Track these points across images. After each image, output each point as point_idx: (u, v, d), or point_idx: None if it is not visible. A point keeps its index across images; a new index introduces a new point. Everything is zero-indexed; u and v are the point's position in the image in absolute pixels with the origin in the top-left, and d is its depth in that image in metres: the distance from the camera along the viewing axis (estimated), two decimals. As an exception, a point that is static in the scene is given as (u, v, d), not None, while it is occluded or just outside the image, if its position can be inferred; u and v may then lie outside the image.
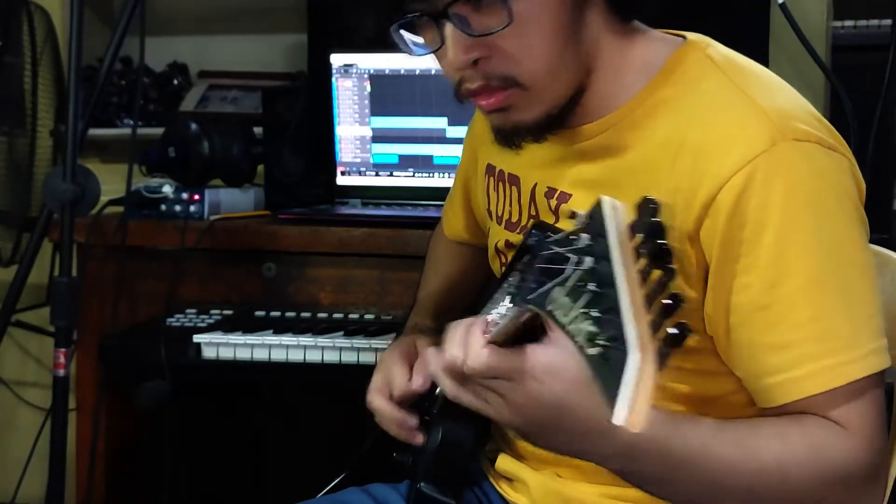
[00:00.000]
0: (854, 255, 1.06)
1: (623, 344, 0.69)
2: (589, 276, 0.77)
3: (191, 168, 2.14)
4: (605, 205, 0.82)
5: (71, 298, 1.71)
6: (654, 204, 0.80)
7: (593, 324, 0.73)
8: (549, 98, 1.11)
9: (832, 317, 1.04)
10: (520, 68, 1.08)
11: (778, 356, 1.05)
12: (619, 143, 1.14)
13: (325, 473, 1.48)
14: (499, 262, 1.33)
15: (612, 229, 0.79)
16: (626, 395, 0.68)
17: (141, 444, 2.10)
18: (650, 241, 0.78)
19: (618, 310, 0.72)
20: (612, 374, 0.69)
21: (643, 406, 0.68)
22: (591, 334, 0.72)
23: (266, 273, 1.98)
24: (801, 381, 1.04)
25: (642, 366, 0.68)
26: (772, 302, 1.04)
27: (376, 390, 1.29)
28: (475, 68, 1.08)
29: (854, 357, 1.03)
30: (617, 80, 1.14)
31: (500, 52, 1.07)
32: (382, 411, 1.28)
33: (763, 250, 1.04)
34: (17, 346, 2.70)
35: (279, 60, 2.59)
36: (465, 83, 1.11)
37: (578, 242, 0.82)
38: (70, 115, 1.70)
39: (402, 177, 2.20)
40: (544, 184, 1.22)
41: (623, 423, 0.68)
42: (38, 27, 2.36)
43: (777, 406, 1.06)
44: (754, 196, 1.03)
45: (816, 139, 1.06)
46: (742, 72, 1.13)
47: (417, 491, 1.20)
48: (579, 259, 0.80)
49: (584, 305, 0.75)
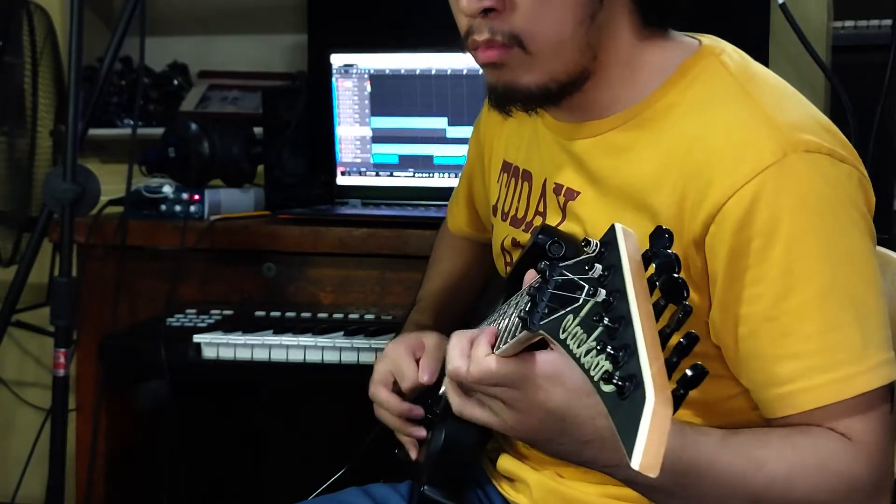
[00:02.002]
0: (863, 267, 1.06)
1: (640, 385, 0.69)
2: (602, 309, 0.77)
3: (191, 168, 2.14)
4: (618, 233, 0.82)
5: (71, 298, 1.71)
6: (668, 234, 0.80)
7: (608, 359, 0.72)
8: (548, 69, 1.10)
9: (842, 328, 1.03)
10: (527, 29, 1.07)
11: (786, 367, 1.04)
12: (628, 143, 1.14)
13: (324, 473, 1.49)
14: (503, 261, 1.33)
15: (626, 261, 0.78)
16: (643, 440, 0.67)
17: (141, 444, 2.10)
18: (665, 274, 0.78)
19: (634, 348, 0.71)
20: (628, 416, 0.69)
21: (659, 450, 0.68)
22: (606, 372, 0.72)
23: (266, 273, 1.98)
24: (809, 393, 1.04)
25: (659, 409, 0.68)
26: (781, 313, 1.04)
27: (380, 382, 1.29)
28: (485, 19, 1.08)
29: (863, 369, 1.03)
30: (630, 78, 1.14)
31: (514, 8, 1.07)
32: (388, 402, 1.28)
33: (772, 262, 1.03)
34: (17, 346, 2.70)
35: (279, 60, 2.59)
36: (473, 34, 1.09)
37: (592, 272, 0.81)
38: (70, 115, 1.70)
39: (402, 177, 2.21)
40: (553, 179, 1.22)
41: (639, 469, 0.68)
42: (38, 27, 2.36)
43: (784, 416, 1.06)
44: (764, 208, 1.03)
45: (827, 151, 1.06)
46: (755, 80, 1.12)
47: (421, 494, 1.19)
48: (593, 290, 0.79)
49: (598, 339, 0.75)
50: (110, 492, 2.03)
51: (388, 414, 1.30)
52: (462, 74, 2.11)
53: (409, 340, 1.31)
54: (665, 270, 0.78)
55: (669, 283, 0.78)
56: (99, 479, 2.01)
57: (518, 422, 1.01)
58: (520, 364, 0.98)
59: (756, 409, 1.10)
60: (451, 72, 2.12)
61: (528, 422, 1.01)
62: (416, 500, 1.22)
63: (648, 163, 1.11)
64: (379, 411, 1.31)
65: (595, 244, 0.84)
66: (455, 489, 1.21)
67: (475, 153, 1.45)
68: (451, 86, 2.13)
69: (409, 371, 1.26)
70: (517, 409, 1.00)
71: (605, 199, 1.15)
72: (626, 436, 0.68)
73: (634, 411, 0.68)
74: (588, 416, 0.98)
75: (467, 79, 2.11)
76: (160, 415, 1.94)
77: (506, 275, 1.32)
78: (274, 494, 2.48)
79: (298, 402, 2.45)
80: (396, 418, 1.29)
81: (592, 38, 1.10)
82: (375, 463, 1.43)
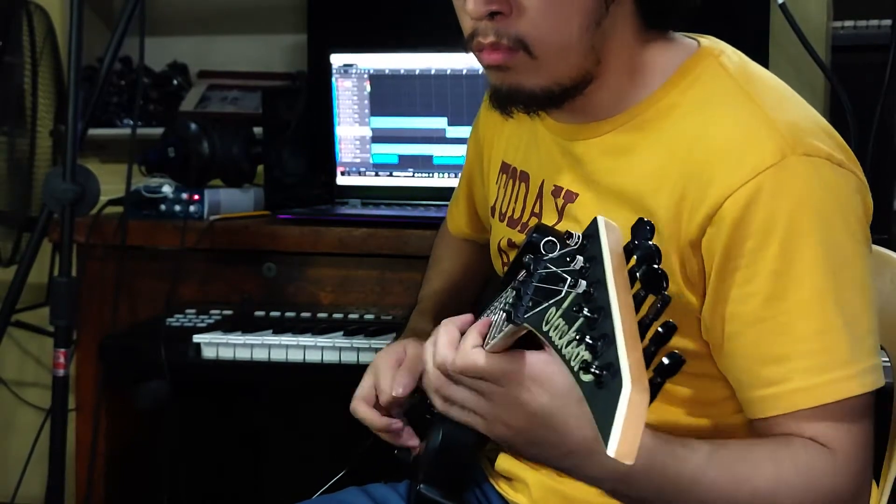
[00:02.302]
0: (855, 273, 1.06)
1: (617, 373, 0.70)
2: (583, 300, 0.78)
3: (191, 168, 2.14)
4: (600, 226, 0.82)
5: (71, 298, 1.71)
6: (650, 226, 0.81)
7: (586, 349, 0.73)
8: (553, 74, 1.10)
9: (830, 332, 1.03)
10: (533, 34, 1.07)
11: (772, 369, 1.05)
12: (628, 145, 1.14)
13: (324, 473, 1.48)
14: (501, 261, 1.33)
15: (606, 253, 0.79)
16: (619, 428, 0.68)
17: (141, 444, 2.10)
18: (645, 265, 0.79)
19: (612, 338, 0.72)
20: (605, 404, 0.70)
21: (635, 438, 0.68)
22: (584, 361, 0.73)
23: (266, 273, 1.98)
24: (793, 395, 1.04)
25: (635, 397, 0.68)
26: (770, 315, 1.04)
27: (361, 398, 1.29)
28: (491, 22, 1.07)
29: (849, 374, 1.03)
30: (630, 80, 1.14)
31: (520, 12, 1.06)
32: (368, 419, 1.28)
33: (765, 263, 1.03)
34: (17, 346, 2.70)
35: (279, 60, 2.59)
36: (478, 35, 1.09)
37: (574, 263, 0.82)
38: (70, 115, 1.70)
39: (402, 177, 2.21)
40: (551, 181, 1.22)
41: (615, 455, 0.68)
42: (38, 27, 2.36)
43: (766, 418, 1.06)
44: (761, 209, 1.03)
45: (826, 155, 1.06)
46: (754, 82, 1.12)
47: (418, 493, 1.19)
48: (575, 281, 0.80)
49: (578, 329, 0.76)
50: (110, 492, 2.03)
51: (373, 428, 1.30)
52: (462, 74, 2.11)
53: (395, 350, 1.30)
54: (645, 261, 0.79)
55: (650, 273, 0.79)
56: (99, 479, 2.01)
57: (497, 419, 1.01)
58: (507, 361, 0.98)
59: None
60: (451, 72, 2.12)
61: (508, 421, 1.01)
62: (413, 499, 1.22)
63: (648, 164, 1.11)
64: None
65: (577, 236, 0.85)
66: (452, 488, 1.20)
67: (474, 153, 1.45)
68: (450, 86, 2.13)
69: (387, 384, 1.26)
70: (498, 406, 1.00)
71: (602, 201, 1.15)
72: (603, 423, 0.69)
73: (611, 399, 0.69)
74: (575, 425, 0.97)
75: (467, 79, 2.11)
76: (160, 415, 1.94)
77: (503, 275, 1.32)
78: (274, 494, 2.48)
79: (298, 402, 2.45)
80: (381, 432, 1.29)
81: (597, 43, 1.10)
82: (375, 463, 1.43)
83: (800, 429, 1.05)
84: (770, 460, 1.04)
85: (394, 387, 1.24)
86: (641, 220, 0.82)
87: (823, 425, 1.04)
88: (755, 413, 1.07)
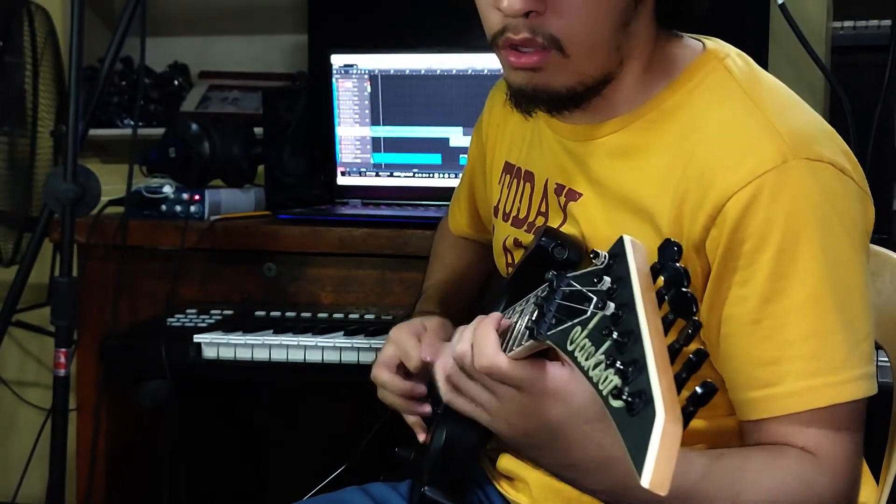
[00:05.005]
0: (852, 279, 1.06)
1: (650, 402, 0.69)
2: (611, 323, 0.77)
3: (191, 168, 2.14)
4: (626, 246, 0.81)
5: (71, 298, 1.71)
6: (677, 247, 0.80)
7: (616, 374, 0.72)
8: (581, 73, 1.10)
9: (824, 337, 1.03)
10: (568, 32, 1.06)
11: (766, 371, 1.04)
12: (632, 146, 1.14)
13: (324, 473, 1.49)
14: (505, 260, 1.33)
15: (634, 274, 0.78)
16: (653, 458, 0.67)
17: (141, 444, 2.10)
18: (674, 288, 0.77)
19: (643, 364, 0.71)
20: (638, 433, 0.69)
21: (669, 469, 0.68)
22: (616, 388, 0.72)
23: (266, 273, 1.98)
24: (785, 398, 1.04)
25: (669, 427, 0.68)
26: (766, 317, 1.04)
27: (383, 364, 1.29)
28: (524, 20, 1.06)
29: (843, 379, 1.03)
30: (641, 81, 1.14)
31: (556, 10, 1.05)
32: (390, 383, 1.28)
33: (762, 265, 1.03)
34: (18, 345, 2.70)
35: (279, 60, 2.59)
36: (508, 32, 1.08)
37: (601, 284, 0.81)
38: (70, 115, 1.70)
39: (403, 177, 2.21)
40: (555, 179, 1.22)
41: (649, 486, 0.68)
42: (39, 27, 2.36)
43: (757, 420, 1.06)
44: (759, 211, 1.03)
45: (829, 160, 1.06)
46: (758, 86, 1.12)
47: (422, 495, 1.19)
48: (602, 303, 0.79)
49: (606, 353, 0.75)
50: (111, 491, 2.04)
51: (392, 395, 1.29)
52: (463, 75, 2.11)
53: (413, 324, 1.31)
54: (674, 284, 0.78)
55: (678, 297, 0.77)
56: (99, 478, 2.01)
57: (504, 418, 1.02)
58: (530, 370, 0.98)
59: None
60: (453, 72, 2.12)
61: (515, 423, 1.01)
62: (416, 500, 1.22)
63: (652, 167, 1.12)
64: (382, 394, 1.31)
65: (604, 256, 0.83)
66: (456, 490, 1.20)
67: (476, 154, 1.46)
68: (452, 86, 2.13)
69: (414, 351, 1.25)
70: (509, 409, 1.00)
71: (604, 202, 1.15)
72: (636, 453, 0.68)
73: (644, 428, 0.68)
74: (579, 442, 0.98)
75: (469, 79, 2.11)
76: (160, 415, 1.94)
77: (507, 275, 1.32)
78: (274, 494, 2.48)
79: (298, 402, 2.45)
80: (399, 398, 1.28)
81: (622, 43, 1.11)
82: (375, 462, 1.43)
83: (790, 434, 1.04)
84: (766, 473, 1.03)
85: (423, 352, 1.24)
86: (669, 241, 0.81)
87: (813, 431, 1.04)
88: (747, 415, 1.07)
